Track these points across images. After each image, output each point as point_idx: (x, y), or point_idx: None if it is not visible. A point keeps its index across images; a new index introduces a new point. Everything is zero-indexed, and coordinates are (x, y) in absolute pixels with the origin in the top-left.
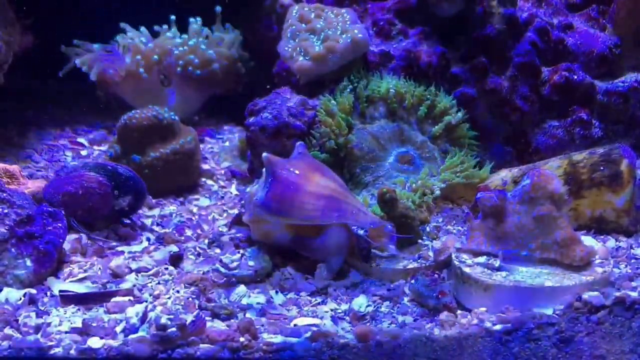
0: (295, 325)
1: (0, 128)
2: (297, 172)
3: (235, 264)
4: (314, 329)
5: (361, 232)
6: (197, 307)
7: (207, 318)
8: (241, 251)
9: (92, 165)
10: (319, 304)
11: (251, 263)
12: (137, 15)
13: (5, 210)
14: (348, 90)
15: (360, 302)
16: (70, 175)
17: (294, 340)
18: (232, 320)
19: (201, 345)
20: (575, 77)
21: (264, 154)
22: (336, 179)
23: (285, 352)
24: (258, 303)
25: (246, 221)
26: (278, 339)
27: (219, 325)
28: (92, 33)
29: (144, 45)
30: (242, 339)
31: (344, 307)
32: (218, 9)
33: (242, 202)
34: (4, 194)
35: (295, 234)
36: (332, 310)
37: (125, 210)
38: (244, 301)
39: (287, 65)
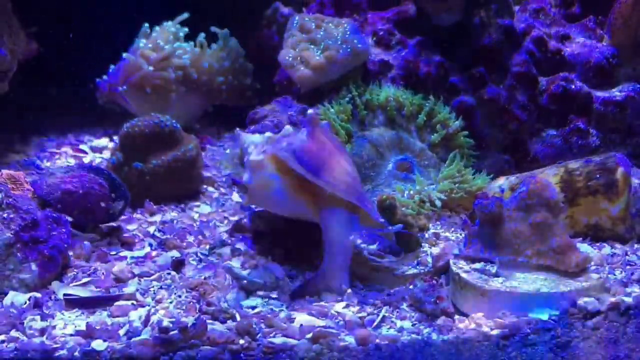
0: (299, 325)
1: (3, 135)
2: (331, 143)
3: (245, 272)
4: (316, 329)
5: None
6: (197, 310)
7: (208, 321)
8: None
9: (89, 167)
10: None
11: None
12: (140, 25)
13: (11, 216)
14: (347, 98)
15: None
16: (69, 174)
17: (294, 342)
18: (230, 322)
19: (202, 348)
20: (573, 86)
21: (309, 111)
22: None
23: (286, 354)
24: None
25: (256, 160)
26: (279, 340)
27: (219, 327)
28: (96, 41)
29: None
30: (241, 341)
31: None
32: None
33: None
34: (10, 199)
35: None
36: None
37: (115, 216)
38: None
39: (288, 74)
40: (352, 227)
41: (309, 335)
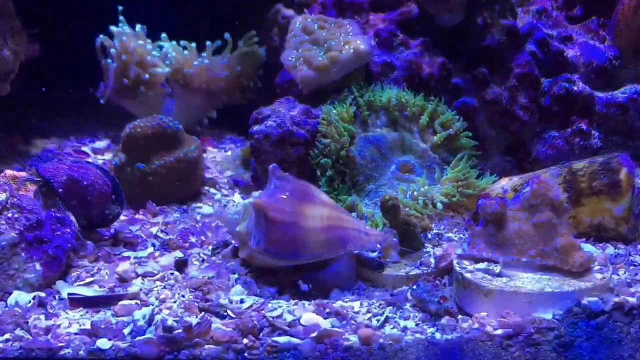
0: (301, 324)
1: (6, 136)
2: (288, 209)
3: None
4: (320, 329)
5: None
6: (197, 308)
7: (210, 318)
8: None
9: (96, 165)
10: None
11: None
12: (142, 27)
13: (16, 215)
14: (350, 99)
15: None
16: (78, 164)
17: (298, 341)
18: (230, 320)
19: (206, 347)
20: (575, 88)
21: (250, 200)
22: (325, 199)
23: (289, 352)
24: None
25: (244, 257)
26: (282, 339)
27: (219, 323)
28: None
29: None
30: (245, 340)
31: None
32: (227, 35)
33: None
34: (15, 199)
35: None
36: None
37: (108, 219)
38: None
39: (291, 75)
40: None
41: (313, 334)
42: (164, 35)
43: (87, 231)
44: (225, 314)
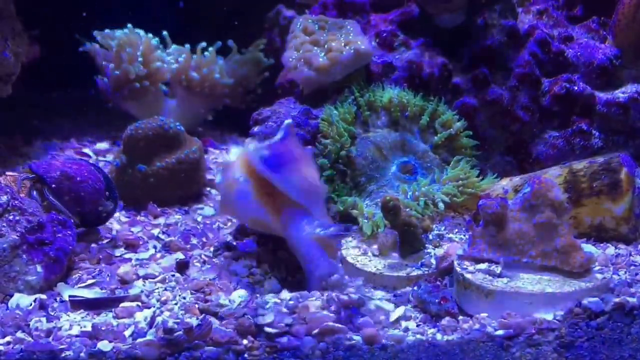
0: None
1: (7, 138)
2: (299, 151)
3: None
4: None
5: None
6: (197, 309)
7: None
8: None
9: (89, 162)
10: None
11: None
12: (142, 28)
13: (17, 218)
14: (350, 100)
15: None
16: (71, 160)
17: (298, 341)
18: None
19: (206, 348)
20: (576, 88)
21: (289, 121)
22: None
23: (290, 352)
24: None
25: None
26: (283, 339)
27: (218, 324)
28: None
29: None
30: (245, 342)
31: None
32: (231, 42)
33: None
34: (16, 202)
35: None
36: None
37: (102, 217)
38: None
39: (291, 76)
40: (311, 223)
41: (315, 332)
42: (165, 33)
43: (81, 229)
44: (225, 315)
